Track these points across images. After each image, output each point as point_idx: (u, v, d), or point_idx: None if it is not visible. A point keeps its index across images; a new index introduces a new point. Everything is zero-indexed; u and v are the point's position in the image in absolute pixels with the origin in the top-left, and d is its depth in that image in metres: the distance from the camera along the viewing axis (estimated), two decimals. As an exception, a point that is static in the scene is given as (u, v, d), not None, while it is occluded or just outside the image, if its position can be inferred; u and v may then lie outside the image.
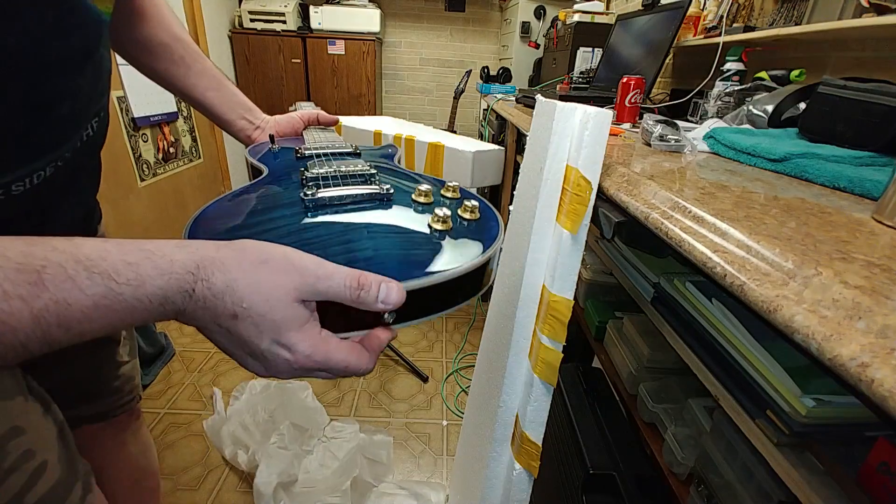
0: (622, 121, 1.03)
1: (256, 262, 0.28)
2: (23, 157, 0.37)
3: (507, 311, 0.80)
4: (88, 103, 0.43)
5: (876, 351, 0.24)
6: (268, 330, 0.28)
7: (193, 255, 0.27)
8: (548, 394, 0.69)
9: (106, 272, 0.25)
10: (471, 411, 1.08)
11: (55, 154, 0.40)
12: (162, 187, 2.20)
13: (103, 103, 0.47)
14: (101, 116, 0.46)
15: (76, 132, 0.42)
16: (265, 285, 0.28)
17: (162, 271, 0.26)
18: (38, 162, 0.38)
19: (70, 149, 0.42)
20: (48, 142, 0.39)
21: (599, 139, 0.61)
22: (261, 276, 0.28)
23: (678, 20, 1.15)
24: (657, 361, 0.74)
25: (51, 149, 0.39)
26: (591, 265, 0.99)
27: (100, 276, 0.25)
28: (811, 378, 0.43)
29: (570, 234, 0.63)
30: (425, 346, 1.91)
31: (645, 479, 0.70)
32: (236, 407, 1.40)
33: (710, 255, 0.37)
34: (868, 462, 0.38)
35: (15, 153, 0.36)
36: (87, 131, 0.44)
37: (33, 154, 0.38)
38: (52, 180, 0.41)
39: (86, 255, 0.25)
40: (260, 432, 1.32)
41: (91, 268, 0.25)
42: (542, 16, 2.53)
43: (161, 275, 0.26)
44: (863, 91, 0.62)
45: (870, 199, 0.49)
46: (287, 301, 0.28)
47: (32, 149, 0.38)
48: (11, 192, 0.37)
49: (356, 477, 1.23)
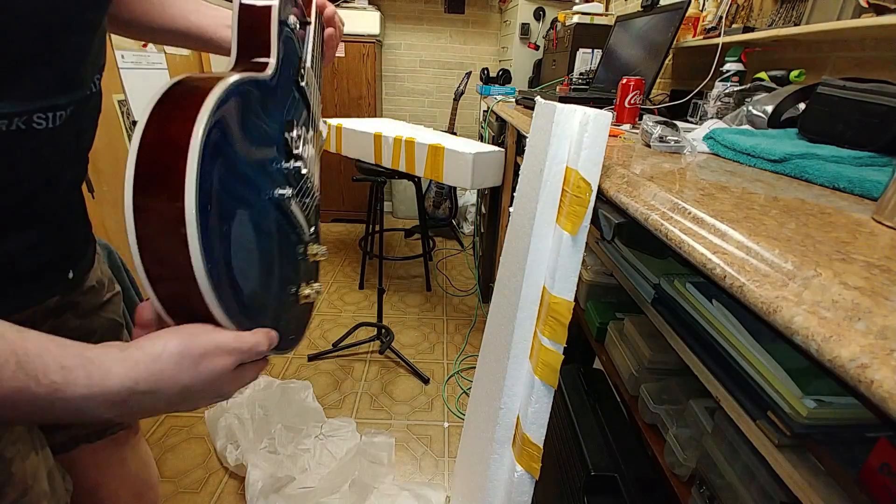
0: (622, 122, 1.03)
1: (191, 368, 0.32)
2: (41, 89, 0.38)
3: (508, 312, 0.80)
4: (101, 50, 0.45)
5: (875, 352, 0.24)
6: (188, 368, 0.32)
7: (132, 371, 0.30)
8: (549, 395, 0.69)
9: (34, 371, 0.27)
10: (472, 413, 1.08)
11: (70, 97, 0.42)
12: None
13: (100, 64, 0.48)
14: (97, 80, 0.47)
15: (83, 83, 0.43)
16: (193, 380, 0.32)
17: (91, 384, 0.29)
18: (56, 99, 0.40)
19: (80, 98, 0.43)
20: (64, 81, 0.40)
21: (599, 141, 0.61)
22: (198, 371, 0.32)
23: (677, 21, 1.15)
24: (658, 362, 0.74)
25: (67, 89, 0.41)
26: (592, 266, 0.99)
27: (24, 372, 0.26)
28: (811, 379, 0.42)
29: (570, 235, 0.63)
30: (426, 347, 1.91)
31: (646, 481, 0.70)
32: (237, 400, 1.41)
33: (710, 257, 0.38)
34: (869, 463, 0.38)
35: (37, 81, 0.38)
36: (91, 87, 0.45)
37: (52, 89, 0.39)
38: (65, 126, 0.42)
39: (25, 350, 0.27)
40: (253, 430, 1.32)
41: (23, 363, 0.27)
42: (542, 17, 2.54)
43: (89, 386, 0.28)
44: (862, 91, 0.62)
45: (870, 199, 0.49)
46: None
47: (49, 82, 0.39)
48: (33, 125, 0.39)
49: (355, 478, 1.23)
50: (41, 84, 0.38)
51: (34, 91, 0.38)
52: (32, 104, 0.38)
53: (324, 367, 1.75)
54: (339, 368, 1.75)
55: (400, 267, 2.66)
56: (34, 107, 0.38)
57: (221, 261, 0.31)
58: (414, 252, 2.86)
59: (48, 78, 0.39)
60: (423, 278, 2.48)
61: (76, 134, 0.46)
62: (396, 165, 1.73)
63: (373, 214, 2.28)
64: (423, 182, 2.65)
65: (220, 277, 0.31)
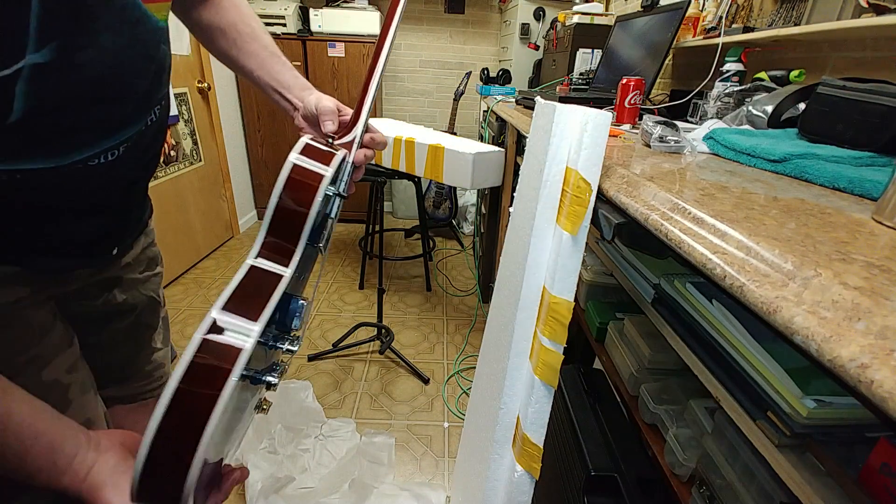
0: (622, 122, 1.03)
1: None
2: (94, 140, 0.43)
3: (508, 312, 0.80)
4: (149, 97, 0.48)
5: (875, 352, 0.24)
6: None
7: (83, 482, 0.39)
8: (549, 395, 0.69)
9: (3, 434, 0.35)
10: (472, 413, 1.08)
11: (121, 137, 0.46)
12: (163, 190, 2.20)
13: (164, 93, 0.52)
14: (162, 105, 0.52)
15: (140, 119, 0.48)
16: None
17: (56, 472, 0.38)
18: (107, 142, 0.44)
19: (136, 132, 0.47)
20: (116, 128, 0.45)
21: (599, 141, 0.61)
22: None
23: (677, 21, 1.15)
24: (658, 362, 0.74)
25: (118, 133, 0.45)
26: (592, 266, 0.99)
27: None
28: (812, 379, 0.42)
29: (570, 235, 0.63)
30: (426, 347, 1.91)
31: (646, 481, 0.70)
32: (239, 398, 1.41)
33: (710, 257, 0.38)
34: (869, 463, 0.38)
35: (89, 137, 0.43)
36: (151, 117, 0.50)
37: (103, 136, 0.44)
38: (123, 159, 0.47)
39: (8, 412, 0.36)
40: (253, 430, 1.32)
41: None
42: (542, 17, 2.54)
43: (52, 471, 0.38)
44: (862, 91, 0.62)
45: (869, 199, 0.49)
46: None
47: (103, 133, 0.44)
48: (88, 164, 0.44)
49: (355, 478, 1.23)
50: (87, 142, 0.43)
51: (81, 145, 0.42)
52: (80, 154, 0.42)
53: (324, 367, 1.75)
54: (339, 368, 1.75)
55: (400, 267, 2.66)
56: (86, 155, 0.43)
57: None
58: (414, 252, 2.86)
59: (95, 134, 0.43)
60: (423, 278, 2.48)
61: (142, 151, 0.51)
62: (396, 165, 1.73)
63: (373, 214, 2.28)
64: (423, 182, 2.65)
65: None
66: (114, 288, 0.63)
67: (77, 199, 0.47)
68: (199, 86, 2.47)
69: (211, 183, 2.65)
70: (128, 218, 0.60)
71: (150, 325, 0.71)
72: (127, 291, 0.65)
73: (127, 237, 0.62)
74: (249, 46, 0.63)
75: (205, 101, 2.54)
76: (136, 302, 0.67)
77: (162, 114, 0.53)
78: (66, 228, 0.49)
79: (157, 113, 0.51)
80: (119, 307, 0.65)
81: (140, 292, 0.68)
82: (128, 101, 0.45)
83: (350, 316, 2.11)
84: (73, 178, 0.43)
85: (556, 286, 0.65)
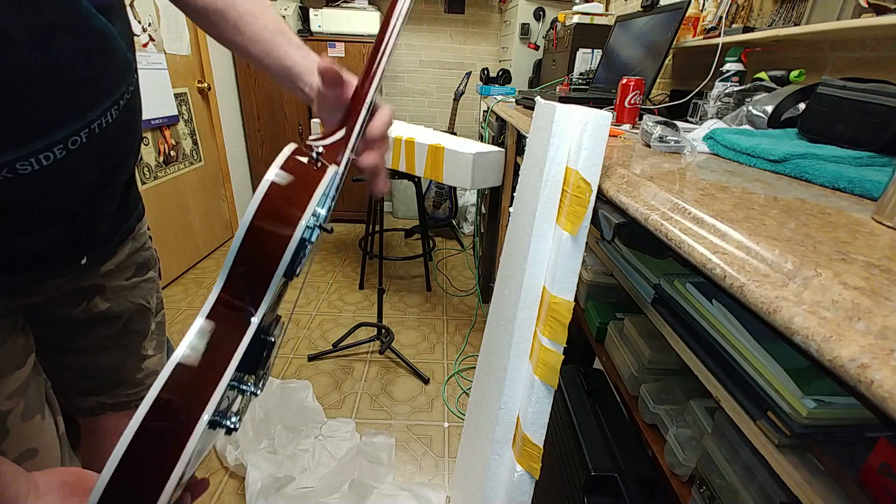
0: (622, 122, 1.03)
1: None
2: (14, 139, 0.37)
3: (508, 312, 0.80)
4: (89, 85, 0.41)
5: (875, 352, 0.24)
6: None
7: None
8: (549, 395, 0.69)
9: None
10: (472, 413, 1.08)
11: (58, 135, 0.40)
12: (163, 190, 2.20)
13: (120, 92, 0.45)
14: (121, 105, 0.46)
15: (80, 116, 0.41)
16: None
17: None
18: (35, 143, 0.39)
19: (81, 132, 0.41)
20: (42, 120, 0.39)
21: (599, 141, 0.61)
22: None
23: (677, 21, 1.15)
24: (658, 362, 0.74)
25: (48, 129, 0.39)
26: (592, 266, 0.99)
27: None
28: (812, 379, 0.42)
29: (570, 235, 0.63)
30: (426, 347, 1.91)
31: (646, 481, 0.70)
32: (239, 399, 1.41)
33: (710, 257, 0.38)
34: (869, 463, 0.38)
35: (4, 134, 0.37)
36: (106, 117, 0.43)
37: (28, 134, 0.38)
38: (69, 163, 0.41)
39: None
40: (253, 430, 1.32)
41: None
42: (542, 17, 2.54)
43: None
44: (862, 91, 0.62)
45: (869, 199, 0.49)
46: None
47: (23, 129, 0.38)
48: (18, 172, 0.38)
49: (355, 478, 1.23)
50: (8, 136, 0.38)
51: (23, 137, 0.38)
52: (19, 151, 0.38)
53: (324, 367, 1.75)
54: (339, 368, 1.75)
55: (400, 267, 2.66)
56: (9, 157, 0.38)
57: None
58: (414, 252, 2.86)
59: (15, 128, 0.38)
60: (423, 278, 2.47)
61: (98, 157, 0.46)
62: (396, 165, 1.73)
63: (373, 214, 2.28)
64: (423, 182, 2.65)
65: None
66: (95, 296, 0.60)
67: (19, 211, 0.42)
68: (199, 86, 2.47)
69: (211, 183, 2.65)
70: (97, 227, 0.54)
71: (139, 332, 0.68)
72: (111, 299, 0.62)
73: (100, 246, 0.57)
74: (252, 28, 0.53)
75: (205, 101, 2.54)
76: (122, 309, 0.64)
77: (124, 113, 0.46)
78: (14, 242, 0.44)
79: (114, 113, 0.45)
80: (103, 314, 0.61)
81: (127, 299, 0.64)
82: (51, 92, 0.38)
83: (350, 316, 2.11)
84: (6, 187, 0.38)
85: (556, 286, 0.65)
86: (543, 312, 0.69)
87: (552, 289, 0.66)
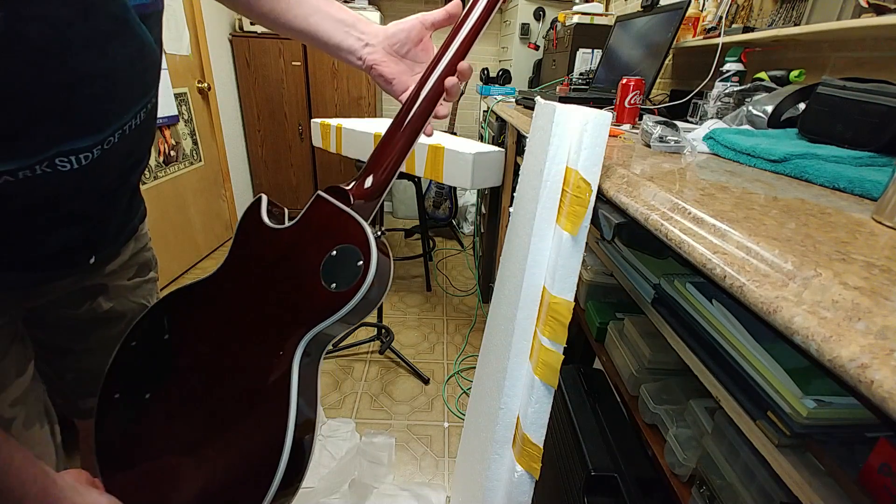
0: (622, 122, 1.03)
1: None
2: (63, 134, 0.39)
3: (508, 312, 0.80)
4: (130, 88, 0.44)
5: (875, 352, 0.24)
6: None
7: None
8: (549, 395, 0.69)
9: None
10: (472, 413, 1.08)
11: (101, 136, 0.42)
12: (163, 190, 2.20)
13: (150, 95, 0.48)
14: (148, 108, 0.48)
15: (119, 118, 0.44)
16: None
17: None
18: (80, 142, 0.41)
19: (115, 133, 0.44)
20: (89, 121, 0.41)
21: (599, 141, 0.61)
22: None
23: (677, 21, 1.15)
24: (658, 363, 0.74)
25: (93, 129, 0.41)
26: (592, 266, 0.99)
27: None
28: (812, 379, 0.42)
29: (570, 235, 0.63)
30: (426, 347, 1.91)
31: (646, 481, 0.70)
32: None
33: (710, 257, 0.38)
34: (869, 463, 0.38)
35: (56, 129, 0.38)
36: (136, 120, 0.46)
37: (75, 132, 0.40)
38: (102, 162, 0.44)
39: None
40: None
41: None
42: (542, 17, 2.54)
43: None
44: (862, 91, 0.62)
45: (869, 199, 0.49)
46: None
47: (72, 126, 0.40)
48: (57, 168, 0.40)
49: (355, 478, 1.23)
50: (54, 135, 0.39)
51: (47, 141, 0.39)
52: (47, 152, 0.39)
53: (324, 367, 1.75)
54: (339, 368, 1.75)
55: (400, 267, 2.66)
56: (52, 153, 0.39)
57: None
58: (414, 252, 2.86)
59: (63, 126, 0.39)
60: (423, 278, 2.47)
61: (121, 158, 0.48)
62: (396, 165, 1.72)
63: (373, 214, 2.28)
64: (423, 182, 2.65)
65: None
66: (98, 296, 0.61)
67: (47, 209, 0.43)
68: (199, 86, 2.47)
69: (211, 183, 2.65)
70: (107, 227, 0.56)
71: None
72: (114, 299, 0.63)
73: (107, 246, 0.58)
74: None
75: (205, 101, 2.54)
76: (125, 310, 0.64)
77: (147, 118, 0.49)
78: (37, 240, 0.45)
79: (142, 116, 0.47)
80: (106, 315, 0.62)
81: (129, 300, 0.65)
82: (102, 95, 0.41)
83: (350, 316, 2.11)
84: (41, 183, 0.39)
85: (556, 286, 0.65)
86: (543, 312, 0.69)
87: (552, 289, 0.66)
